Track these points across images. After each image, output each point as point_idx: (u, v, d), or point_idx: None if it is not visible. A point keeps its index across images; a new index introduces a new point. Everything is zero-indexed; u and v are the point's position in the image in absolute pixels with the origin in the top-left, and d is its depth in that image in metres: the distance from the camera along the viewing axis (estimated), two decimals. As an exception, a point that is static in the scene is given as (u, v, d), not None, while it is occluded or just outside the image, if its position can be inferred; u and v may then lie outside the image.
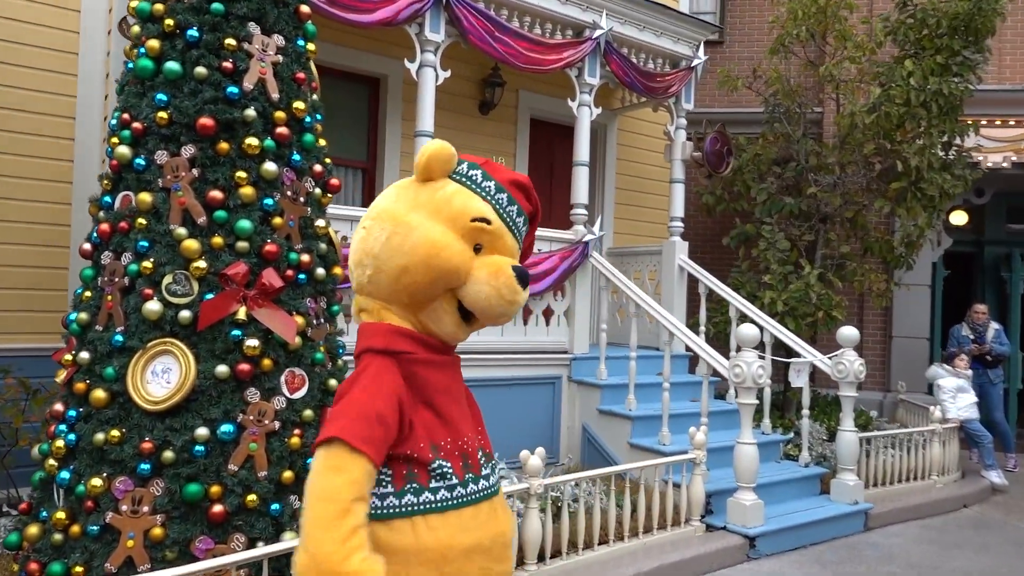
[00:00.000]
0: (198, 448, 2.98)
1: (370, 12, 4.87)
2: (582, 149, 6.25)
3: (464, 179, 1.68)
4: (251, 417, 3.09)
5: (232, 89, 3.17)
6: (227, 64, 3.19)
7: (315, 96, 3.68)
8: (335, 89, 6.27)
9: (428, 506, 1.64)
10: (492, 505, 1.76)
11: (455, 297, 1.65)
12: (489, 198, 1.68)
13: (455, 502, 1.67)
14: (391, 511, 1.63)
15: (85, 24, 5.01)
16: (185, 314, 3.05)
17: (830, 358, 5.61)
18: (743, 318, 6.45)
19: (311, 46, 3.60)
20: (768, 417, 6.04)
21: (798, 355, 5.91)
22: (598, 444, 5.82)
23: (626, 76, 6.38)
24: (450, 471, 1.67)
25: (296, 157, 3.38)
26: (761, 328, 6.12)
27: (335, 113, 6.11)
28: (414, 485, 1.64)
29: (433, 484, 1.65)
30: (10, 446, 4.13)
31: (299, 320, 3.25)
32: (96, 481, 2.93)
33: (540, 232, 6.07)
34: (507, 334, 5.82)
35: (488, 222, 1.65)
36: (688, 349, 6.01)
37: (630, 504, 4.49)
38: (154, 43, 3.19)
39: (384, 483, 1.64)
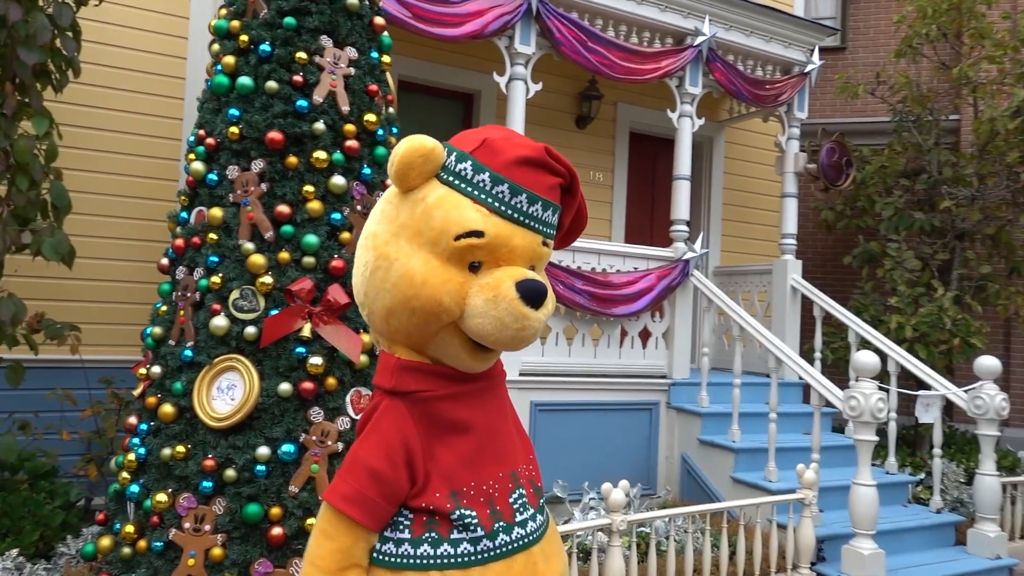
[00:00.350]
0: (259, 468, 2.91)
1: (457, 26, 4.79)
2: (683, 162, 5.91)
3: (452, 177, 1.42)
4: (314, 437, 3.00)
5: (301, 102, 3.13)
6: (297, 78, 3.15)
7: (391, 109, 3.60)
8: (429, 106, 6.26)
9: (446, 560, 1.43)
10: (530, 557, 1.52)
11: (459, 328, 1.42)
12: (484, 196, 1.40)
13: (480, 557, 1.45)
14: (404, 561, 1.43)
15: (192, 49, 5.21)
16: (251, 330, 3.00)
17: (966, 391, 4.97)
18: (864, 344, 5.87)
19: (386, 58, 3.53)
20: (893, 455, 5.43)
21: (929, 387, 5.28)
22: (698, 476, 5.41)
23: (731, 84, 6.00)
24: (475, 521, 1.46)
25: (367, 171, 3.29)
26: (885, 356, 5.54)
27: (429, 130, 6.06)
28: (433, 535, 1.45)
29: (455, 535, 1.45)
30: (107, 454, 4.26)
31: (365, 338, 3.14)
32: (161, 497, 2.92)
33: (637, 250, 5.78)
34: (600, 356, 5.54)
35: (479, 234, 1.38)
36: (801, 377, 5.50)
37: (729, 545, 4.09)
38: (230, 59, 3.21)
39: (401, 527, 1.45)
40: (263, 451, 2.91)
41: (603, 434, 5.45)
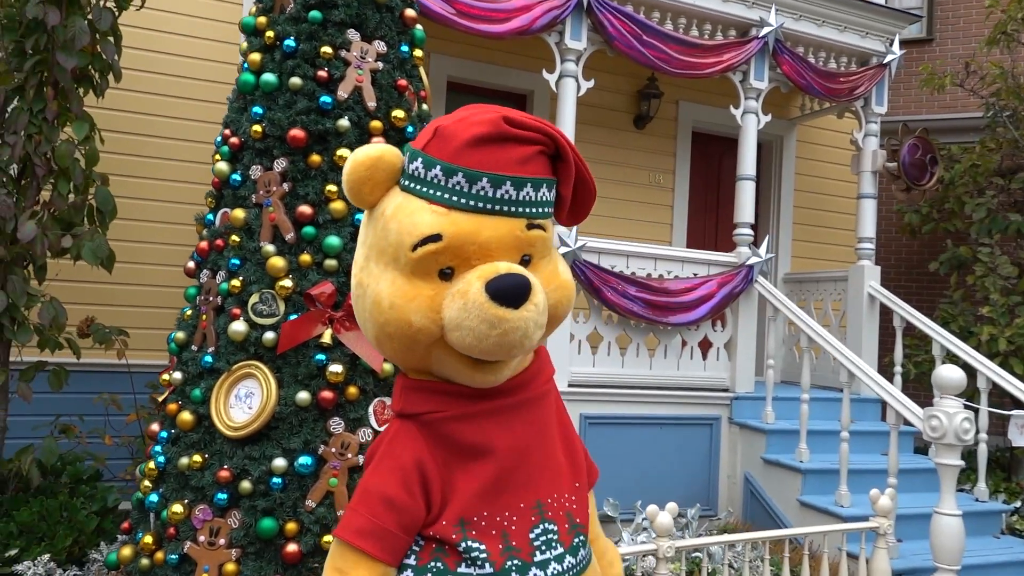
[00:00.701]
0: (275, 480, 2.77)
1: (503, 22, 4.61)
2: (747, 161, 5.56)
3: (408, 181, 1.27)
4: (333, 449, 2.85)
5: (325, 98, 3.00)
6: (322, 73, 3.02)
7: (424, 106, 3.44)
8: (482, 109, 6.10)
9: None
10: None
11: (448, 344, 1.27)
12: (440, 193, 1.24)
13: None
14: None
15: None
16: (270, 336, 2.88)
17: (1069, 411, 4.44)
18: (951, 358, 5.36)
19: (418, 52, 3.37)
20: (984, 480, 4.91)
21: (1025, 405, 4.76)
22: (762, 498, 5.03)
23: (800, 78, 5.61)
24: (483, 556, 1.27)
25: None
26: (975, 371, 5.03)
27: (480, 133, 5.92)
28: (439, 565, 1.29)
29: (462, 569, 1.28)
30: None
31: (390, 345, 2.97)
32: (177, 508, 2.82)
33: (697, 255, 5.45)
34: (656, 367, 5.23)
35: (435, 238, 1.22)
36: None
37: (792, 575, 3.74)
38: (255, 56, 3.11)
39: (410, 554, 1.30)
40: (279, 463, 2.78)
41: (659, 450, 5.14)
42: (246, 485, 2.78)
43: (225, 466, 2.81)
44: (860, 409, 5.54)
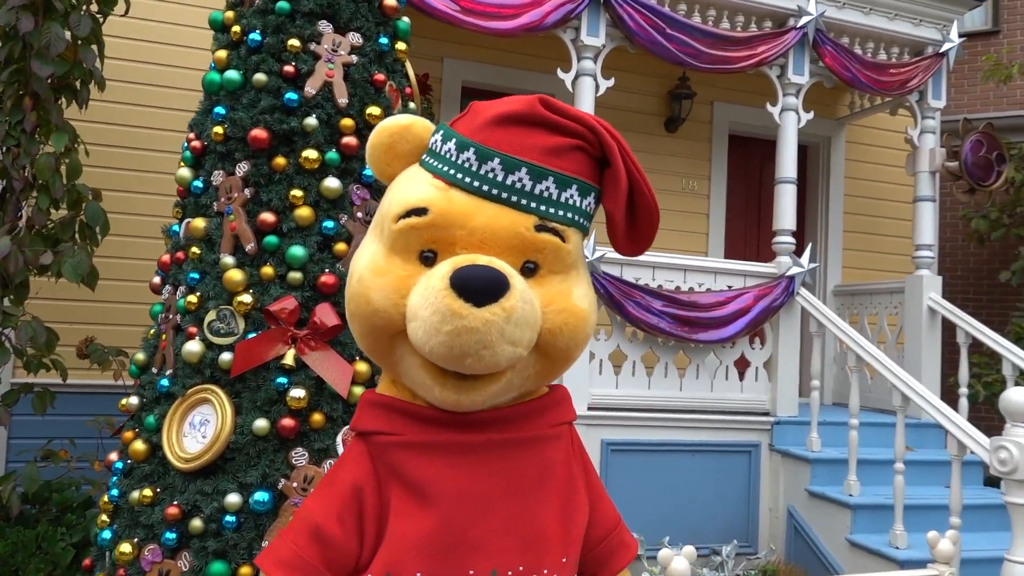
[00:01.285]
0: (228, 518, 2.48)
1: (511, 18, 4.31)
2: (787, 163, 5.10)
3: (426, 155, 1.17)
4: (294, 484, 2.54)
5: (290, 95, 2.73)
6: (289, 68, 2.76)
7: (411, 104, 3.16)
8: (502, 116, 5.81)
9: None
10: None
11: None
12: (446, 167, 1.11)
13: None
14: None
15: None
16: (226, 357, 2.59)
17: None
18: (1024, 377, 4.78)
19: (401, 45, 3.08)
20: (1066, 518, 4.30)
21: (1112, 433, 4.15)
22: (807, 535, 4.53)
23: (845, 71, 5.14)
24: None
25: (369, 172, 2.84)
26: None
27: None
28: None
29: None
30: (140, 488, 4.04)
31: (361, 367, 2.66)
32: (125, 548, 2.55)
33: (730, 265, 5.02)
34: (687, 388, 4.80)
35: (421, 211, 1.08)
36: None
37: (834, 631, 3.26)
38: (221, 53, 2.87)
39: None
40: (232, 499, 2.49)
41: (690, 480, 4.69)
42: (197, 523, 2.50)
43: (175, 502, 2.54)
44: (920, 435, 4.98)
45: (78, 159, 3.62)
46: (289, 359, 2.60)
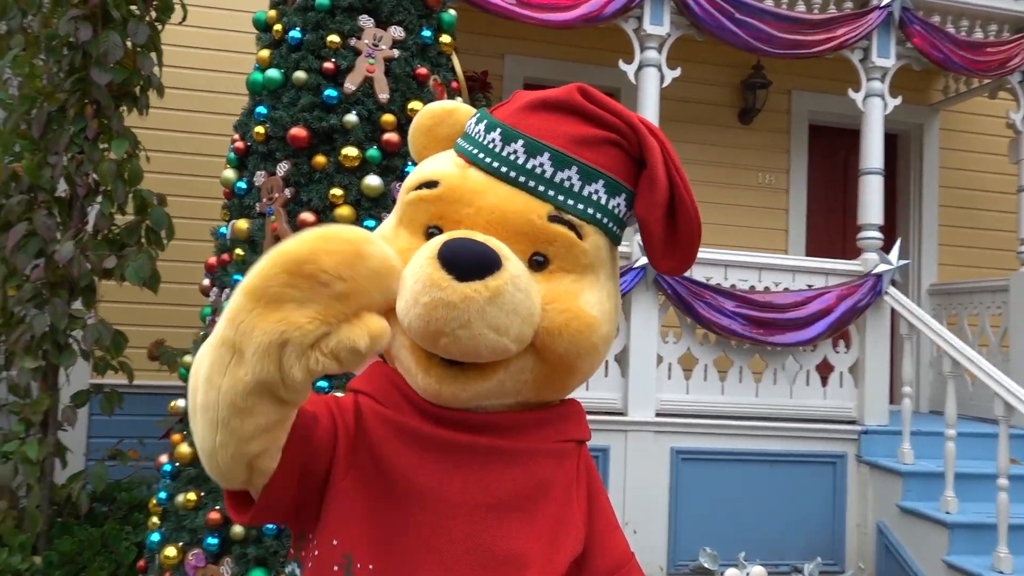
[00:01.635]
0: (269, 525, 2.44)
1: (569, 9, 4.15)
2: (872, 153, 4.74)
3: (460, 139, 1.10)
4: (334, 490, 2.48)
5: (330, 92, 2.67)
6: (328, 64, 2.70)
7: (458, 97, 3.05)
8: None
9: None
10: None
11: None
12: (472, 147, 1.05)
13: None
14: None
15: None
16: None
17: None
18: None
19: (445, 38, 2.99)
20: None
21: None
22: (899, 554, 4.16)
23: (936, 51, 4.73)
24: None
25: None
26: None
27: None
28: None
29: None
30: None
31: (403, 370, 2.57)
32: (170, 551, 2.54)
33: (811, 263, 4.70)
34: (763, 394, 4.50)
35: (431, 184, 1.02)
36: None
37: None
38: (264, 53, 2.85)
39: None
40: (272, 505, 2.44)
41: (769, 492, 4.39)
42: (238, 529, 2.46)
43: (217, 506, 2.50)
44: (1028, 447, 4.52)
45: (139, 165, 3.68)
46: (329, 361, 2.53)
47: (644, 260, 4.16)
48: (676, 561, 4.19)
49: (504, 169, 1.00)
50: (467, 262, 0.91)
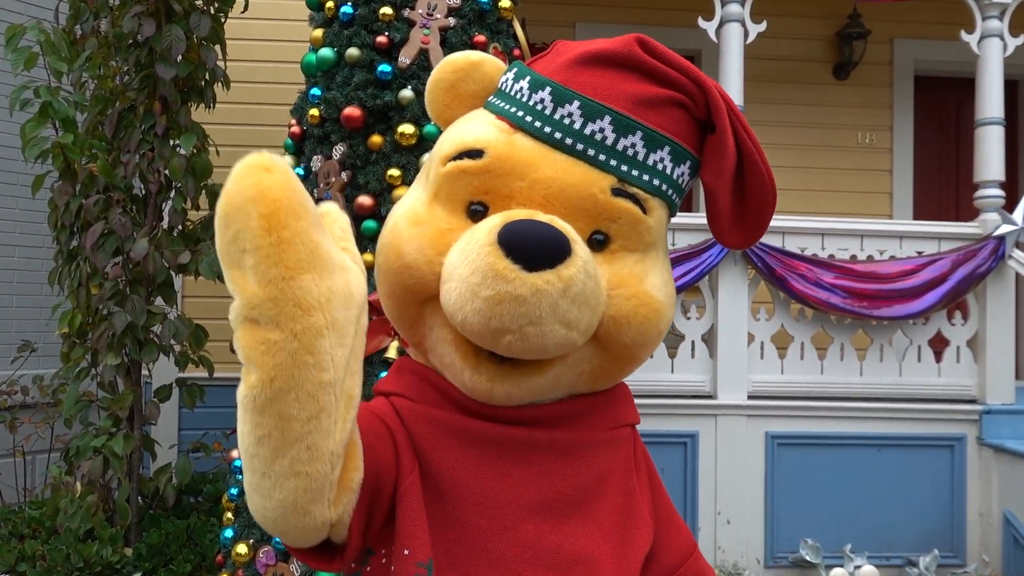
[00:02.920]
0: (336, 523, 2.36)
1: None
2: (990, 101, 4.24)
3: (494, 96, 0.99)
4: (402, 486, 2.37)
5: (383, 67, 2.53)
6: (381, 39, 2.57)
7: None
8: (644, 80, 5.37)
9: None
10: None
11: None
12: (513, 107, 0.93)
13: None
14: None
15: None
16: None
17: None
18: None
19: (505, 2, 2.79)
20: None
21: None
22: (1031, 548, 3.75)
23: (1065, -20, 4.18)
24: None
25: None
26: None
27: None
28: None
29: None
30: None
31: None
32: (242, 549, 2.50)
33: (920, 227, 4.29)
34: (868, 373, 4.13)
35: (476, 154, 0.90)
36: None
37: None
38: (317, 33, 2.74)
39: None
40: (339, 502, 2.35)
41: (877, 478, 4.04)
42: (306, 527, 2.40)
43: (285, 503, 2.45)
44: None
45: (208, 159, 3.67)
46: (392, 351, 2.42)
47: (731, 232, 3.86)
48: (775, 553, 3.92)
49: (559, 135, 0.90)
50: (536, 249, 0.80)
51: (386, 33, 2.58)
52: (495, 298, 0.80)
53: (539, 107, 0.91)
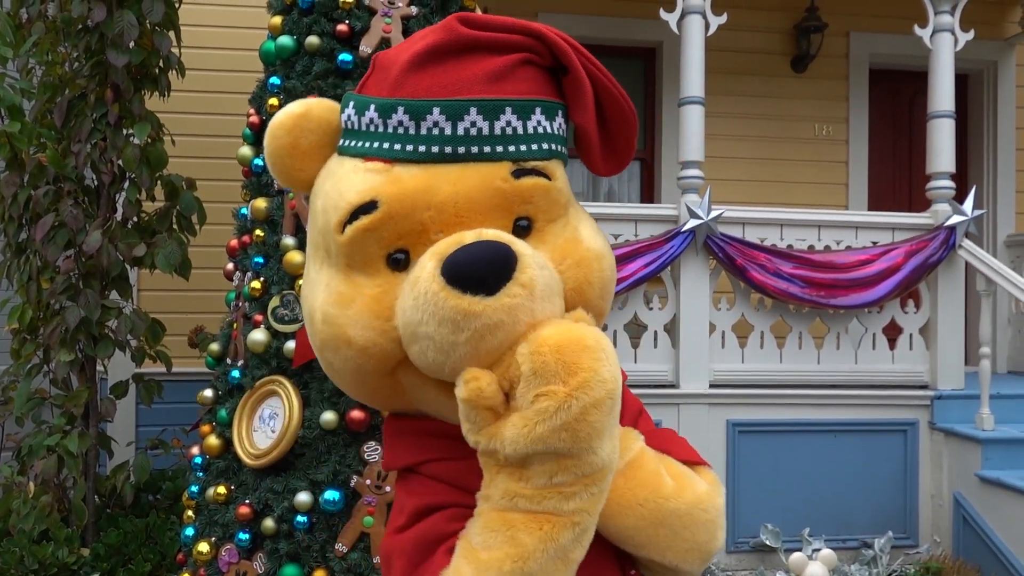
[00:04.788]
0: (300, 518, 2.32)
1: (602, -44, 3.87)
2: (941, 95, 4.35)
3: (344, 139, 0.93)
4: (367, 481, 2.35)
5: (344, 56, 2.49)
6: (342, 27, 2.52)
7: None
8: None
9: None
10: None
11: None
12: (376, 142, 0.88)
13: None
14: None
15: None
16: (291, 346, 2.43)
17: None
18: None
19: (467, -7, 2.78)
20: None
21: None
22: (979, 528, 3.87)
23: (1012, -23, 4.29)
24: None
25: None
26: None
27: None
28: None
29: None
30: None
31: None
32: (203, 547, 2.46)
33: (875, 218, 4.39)
34: (825, 361, 4.22)
35: (369, 207, 0.86)
36: None
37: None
38: (276, 20, 2.68)
39: None
40: (303, 498, 2.33)
41: (834, 464, 4.14)
42: (269, 524, 2.36)
43: (247, 500, 2.41)
44: None
45: (163, 149, 3.58)
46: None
47: (693, 223, 3.90)
48: (736, 538, 3.99)
49: (435, 149, 0.86)
50: (486, 270, 0.79)
51: (347, 21, 2.53)
52: (475, 336, 0.78)
53: (400, 129, 0.87)
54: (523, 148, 0.89)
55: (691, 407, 4.00)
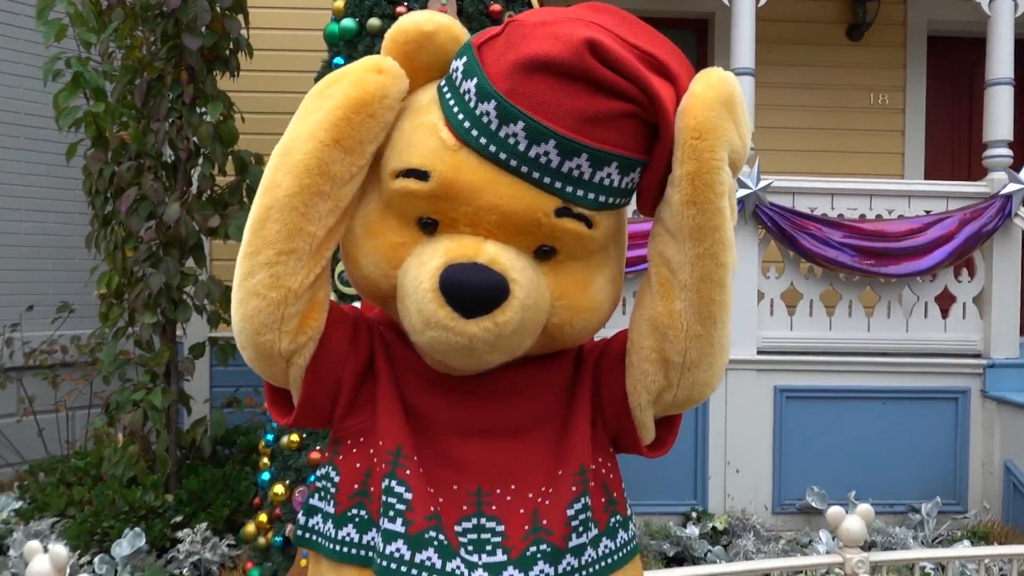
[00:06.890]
0: (365, 464, 2.53)
1: (653, -71, 3.91)
2: (999, 61, 4.28)
3: (445, 83, 0.96)
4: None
5: (402, 36, 2.65)
6: (401, 8, 2.68)
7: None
8: (657, 43, 5.40)
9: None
10: None
11: None
12: (461, 116, 0.91)
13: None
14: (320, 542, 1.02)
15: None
16: (357, 306, 2.63)
17: None
18: None
19: (519, -31, 2.89)
20: None
21: None
22: (1031, 496, 3.89)
23: (1079, -64, 4.17)
24: (401, 507, 0.95)
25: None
26: None
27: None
28: (362, 514, 0.98)
29: (385, 524, 0.96)
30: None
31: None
32: (279, 489, 2.70)
33: (928, 187, 4.37)
34: (876, 329, 4.25)
35: (422, 175, 0.91)
36: None
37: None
38: (339, 3, 2.86)
39: (327, 498, 1.02)
40: (368, 445, 2.53)
41: (882, 430, 4.18)
42: (337, 469, 2.58)
43: (317, 447, 2.63)
44: None
45: (234, 127, 3.81)
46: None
47: (741, 192, 3.95)
48: (782, 500, 4.08)
49: (503, 156, 0.89)
50: (471, 300, 0.87)
51: (405, 3, 2.69)
52: (437, 339, 0.90)
53: (484, 120, 0.89)
54: (579, 193, 0.91)
55: (739, 372, 4.08)
